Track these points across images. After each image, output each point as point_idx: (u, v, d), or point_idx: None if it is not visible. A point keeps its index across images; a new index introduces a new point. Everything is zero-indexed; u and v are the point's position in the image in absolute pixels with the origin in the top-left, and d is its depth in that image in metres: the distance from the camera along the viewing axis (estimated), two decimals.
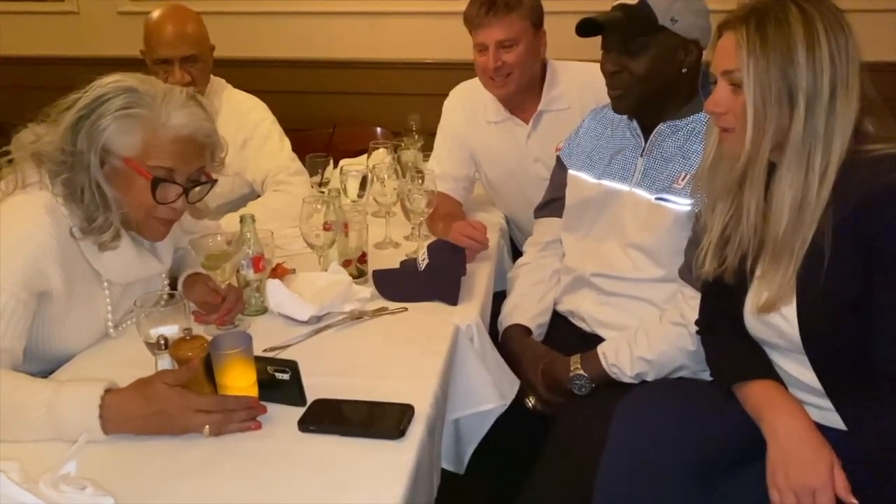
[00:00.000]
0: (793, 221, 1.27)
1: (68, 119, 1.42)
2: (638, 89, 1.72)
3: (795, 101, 1.24)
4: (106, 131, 1.41)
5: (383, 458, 1.21)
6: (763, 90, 1.25)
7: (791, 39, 1.24)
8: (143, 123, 1.42)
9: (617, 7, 1.72)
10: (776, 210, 1.29)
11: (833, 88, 1.24)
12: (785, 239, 1.29)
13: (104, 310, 1.56)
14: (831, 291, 1.26)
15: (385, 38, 3.68)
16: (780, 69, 1.24)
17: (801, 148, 1.25)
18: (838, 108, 1.24)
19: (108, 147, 1.42)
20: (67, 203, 1.43)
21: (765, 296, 1.33)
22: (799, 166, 1.26)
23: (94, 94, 1.43)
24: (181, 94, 1.48)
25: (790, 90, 1.24)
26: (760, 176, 1.31)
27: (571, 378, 1.73)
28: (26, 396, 1.26)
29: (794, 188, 1.26)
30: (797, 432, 1.29)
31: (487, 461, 1.76)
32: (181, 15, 2.32)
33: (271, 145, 2.40)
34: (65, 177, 1.42)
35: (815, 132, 1.25)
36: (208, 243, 1.64)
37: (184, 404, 1.26)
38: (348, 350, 1.57)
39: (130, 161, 1.43)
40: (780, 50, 1.24)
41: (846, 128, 1.25)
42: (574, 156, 1.98)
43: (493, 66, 2.20)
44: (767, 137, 1.27)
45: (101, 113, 1.41)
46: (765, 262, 1.35)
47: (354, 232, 1.86)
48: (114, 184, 1.44)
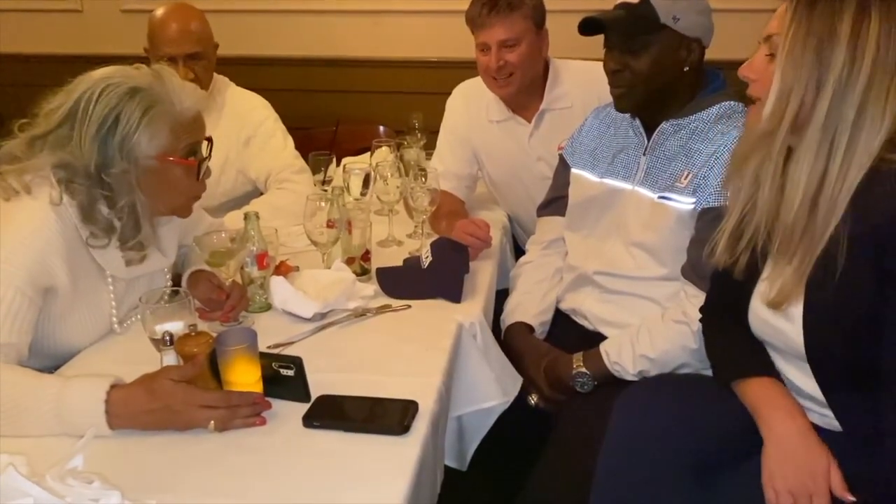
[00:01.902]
0: (805, 211, 1.21)
1: (87, 138, 1.41)
2: (640, 88, 1.72)
3: (825, 81, 1.17)
4: (142, 143, 1.43)
5: (387, 455, 1.22)
6: (795, 61, 1.19)
7: (837, 16, 1.16)
8: (166, 117, 1.45)
9: (619, 5, 1.73)
10: (789, 195, 1.22)
11: (871, 79, 1.16)
12: (796, 229, 1.23)
13: (109, 305, 1.56)
14: (841, 305, 1.22)
15: (388, 36, 3.68)
16: (818, 45, 1.17)
17: (823, 132, 1.18)
18: (872, 99, 1.16)
19: (145, 153, 1.44)
20: (87, 224, 1.45)
21: (773, 292, 1.29)
22: (819, 152, 1.19)
23: (100, 111, 1.41)
24: (173, 76, 1.52)
25: (822, 69, 1.17)
26: (777, 155, 1.24)
27: (574, 376, 1.73)
28: (33, 392, 1.26)
29: (811, 175, 1.20)
30: (794, 433, 1.29)
31: (490, 458, 1.76)
32: (185, 12, 2.32)
33: (274, 143, 2.40)
34: (106, 199, 1.44)
35: (842, 119, 1.17)
36: (212, 240, 1.65)
37: (189, 400, 1.26)
38: (352, 347, 1.58)
39: (164, 156, 1.46)
40: (823, 24, 1.17)
41: (877, 123, 1.17)
42: (577, 154, 1.98)
43: (496, 65, 2.20)
44: (790, 112, 1.20)
45: (127, 129, 1.41)
46: (774, 257, 1.31)
47: (358, 230, 1.87)
48: (145, 187, 1.46)
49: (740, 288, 1.40)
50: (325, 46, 3.73)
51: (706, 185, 1.67)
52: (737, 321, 1.44)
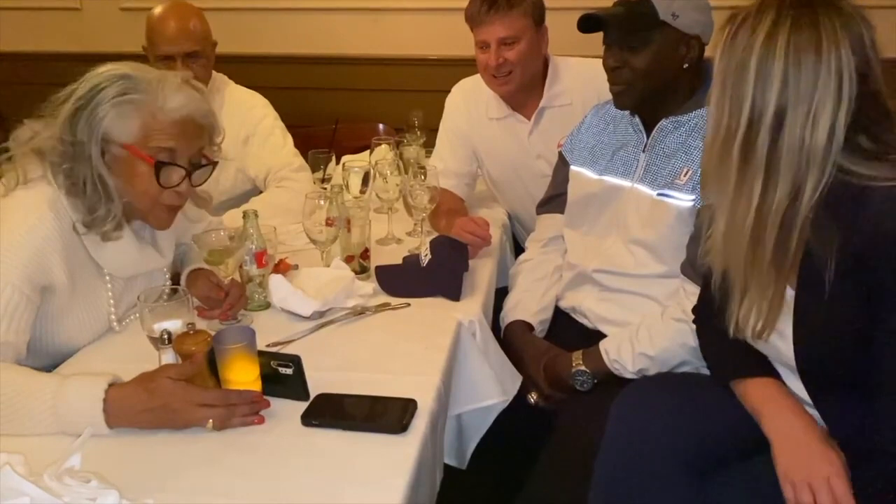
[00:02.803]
0: (738, 248, 1.23)
1: (66, 111, 1.42)
2: (639, 85, 1.72)
3: (741, 111, 1.18)
4: (105, 119, 1.41)
5: (386, 453, 1.22)
6: (723, 84, 1.20)
7: (748, 49, 1.17)
8: (141, 108, 1.43)
9: (618, 2, 1.73)
10: (724, 233, 1.24)
11: (782, 109, 1.15)
12: (757, 262, 1.23)
13: (107, 304, 1.56)
14: (831, 321, 1.22)
15: (387, 34, 3.68)
16: (735, 79, 1.18)
17: (765, 160, 1.17)
18: (787, 129, 1.15)
19: (107, 135, 1.42)
20: (69, 196, 1.43)
21: (753, 325, 1.30)
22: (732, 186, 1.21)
23: (89, 83, 1.43)
24: (176, 78, 1.49)
25: (739, 98, 1.18)
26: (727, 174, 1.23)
27: (573, 374, 1.73)
28: (30, 391, 1.26)
29: (727, 213, 1.22)
30: (801, 427, 1.29)
31: (490, 456, 1.76)
32: (184, 11, 2.32)
33: (273, 141, 2.40)
34: (66, 168, 1.42)
35: (779, 146, 1.16)
36: (211, 239, 1.65)
37: (187, 398, 1.26)
38: (351, 345, 1.58)
39: (131, 147, 1.43)
40: (736, 57, 1.19)
41: (819, 141, 1.15)
42: (576, 152, 1.98)
43: (495, 63, 2.20)
44: (726, 138, 1.21)
45: (98, 101, 1.41)
46: (741, 292, 1.31)
47: (357, 228, 1.86)
48: (115, 173, 1.44)
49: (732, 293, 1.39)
50: (324, 44, 3.73)
51: None
52: None
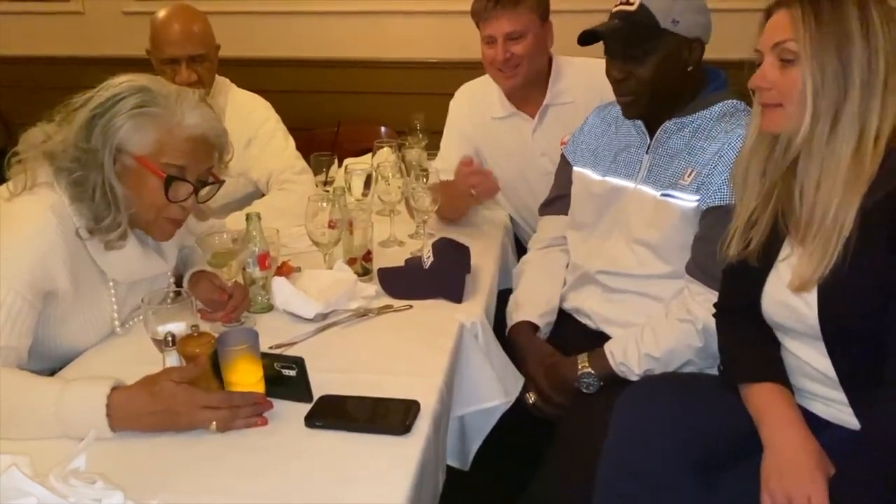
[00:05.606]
0: (839, 197, 1.27)
1: (82, 117, 1.43)
2: (646, 94, 1.71)
3: (851, 79, 1.26)
4: (121, 129, 1.42)
5: (389, 454, 1.22)
6: (822, 65, 1.27)
7: (846, 18, 1.26)
8: (158, 122, 1.44)
9: (616, 15, 1.71)
10: (825, 186, 1.28)
11: (887, 69, 1.26)
12: (834, 216, 1.28)
13: (110, 308, 1.56)
14: (855, 276, 1.25)
15: (389, 37, 3.69)
16: (836, 46, 1.26)
17: (853, 126, 1.26)
18: (891, 87, 1.26)
19: (122, 145, 1.43)
20: (74, 203, 1.43)
21: (798, 277, 1.32)
22: (848, 143, 1.27)
23: (107, 93, 1.44)
24: (194, 95, 1.50)
25: (845, 68, 1.26)
26: (819, 152, 1.30)
27: (580, 377, 1.72)
28: (34, 395, 1.26)
29: (844, 165, 1.27)
30: (796, 442, 1.30)
31: (493, 458, 1.76)
32: (188, 14, 2.33)
33: (276, 144, 2.41)
34: (77, 175, 1.42)
35: (870, 111, 1.26)
36: (214, 241, 1.65)
37: (191, 401, 1.26)
38: (354, 347, 1.58)
39: (143, 159, 1.44)
40: (835, 27, 1.26)
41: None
42: (579, 152, 1.98)
43: (502, 57, 2.22)
44: (827, 113, 1.27)
45: (115, 112, 1.42)
46: (798, 242, 1.35)
47: (359, 230, 1.87)
48: (125, 183, 1.45)
49: (754, 276, 1.42)
50: (326, 47, 3.73)
51: (710, 183, 1.66)
52: (751, 318, 1.44)
